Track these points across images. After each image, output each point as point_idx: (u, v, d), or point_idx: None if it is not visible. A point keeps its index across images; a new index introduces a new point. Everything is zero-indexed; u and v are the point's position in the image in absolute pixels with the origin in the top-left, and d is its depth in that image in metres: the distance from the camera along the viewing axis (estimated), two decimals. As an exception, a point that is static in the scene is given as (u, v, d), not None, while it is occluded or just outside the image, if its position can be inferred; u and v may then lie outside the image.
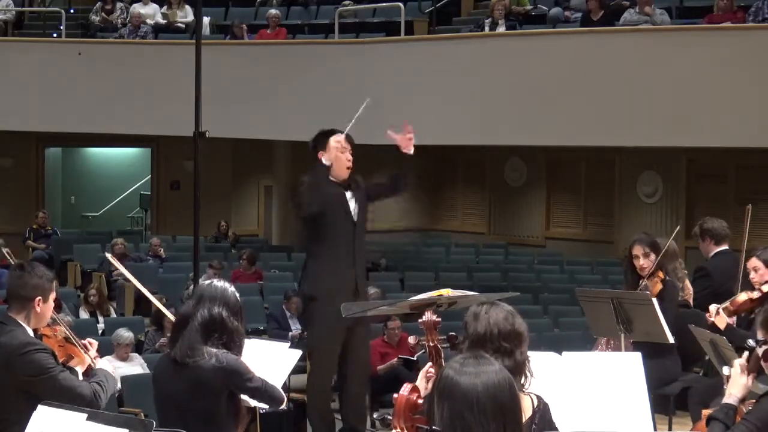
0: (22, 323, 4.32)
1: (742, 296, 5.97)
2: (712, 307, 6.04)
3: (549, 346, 6.63)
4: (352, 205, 6.47)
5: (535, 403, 3.51)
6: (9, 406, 4.20)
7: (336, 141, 6.40)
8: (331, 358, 6.40)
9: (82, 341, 4.67)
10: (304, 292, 6.51)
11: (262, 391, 4.21)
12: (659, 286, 6.37)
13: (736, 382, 3.83)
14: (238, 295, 4.24)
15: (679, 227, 6.45)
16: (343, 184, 6.46)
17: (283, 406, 4.46)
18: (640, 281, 6.39)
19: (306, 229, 6.56)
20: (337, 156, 6.38)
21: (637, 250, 6.46)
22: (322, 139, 6.48)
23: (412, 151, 6.47)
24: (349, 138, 6.48)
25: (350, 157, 6.45)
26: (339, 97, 13.46)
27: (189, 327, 4.13)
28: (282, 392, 4.36)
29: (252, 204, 19.33)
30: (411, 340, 9.41)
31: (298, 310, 11.29)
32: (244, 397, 4.34)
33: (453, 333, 3.70)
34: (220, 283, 4.23)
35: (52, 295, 4.42)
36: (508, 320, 3.56)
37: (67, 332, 4.60)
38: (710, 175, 15.17)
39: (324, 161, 6.37)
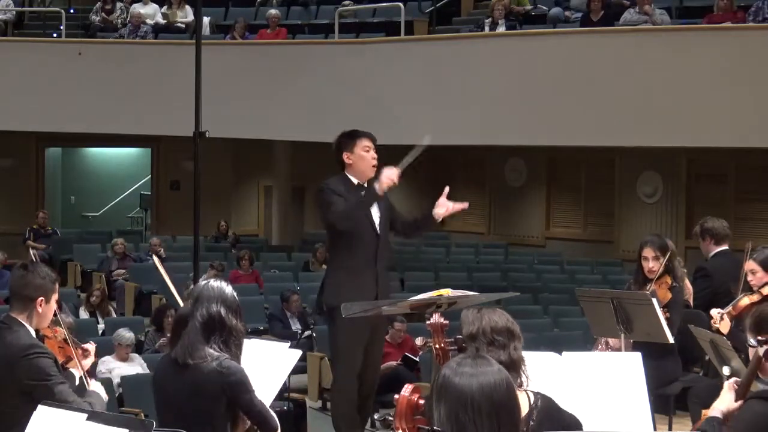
0: (24, 323, 4.31)
1: (744, 300, 5.96)
2: (715, 313, 6.02)
3: (549, 346, 6.63)
4: (376, 216, 6.30)
5: (532, 400, 3.56)
6: (9, 406, 4.20)
7: (372, 157, 6.25)
8: (356, 364, 6.32)
9: (82, 346, 4.66)
10: (325, 304, 6.33)
11: (258, 411, 4.16)
12: (668, 295, 6.29)
13: (724, 399, 3.84)
14: (235, 294, 4.23)
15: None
16: (367, 189, 6.29)
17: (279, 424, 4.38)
18: (648, 284, 6.34)
19: (330, 236, 6.44)
20: (362, 155, 6.24)
21: (648, 252, 6.38)
22: (347, 140, 6.30)
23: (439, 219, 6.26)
24: (372, 136, 6.33)
25: (375, 156, 6.26)
26: (339, 97, 13.49)
27: (189, 327, 4.11)
28: (277, 421, 4.27)
29: (252, 204, 19.34)
30: (418, 341, 9.41)
31: (298, 308, 11.32)
32: None
33: (461, 336, 3.74)
34: (216, 283, 4.22)
35: (55, 296, 4.40)
36: (501, 318, 3.67)
37: (67, 335, 4.60)
38: (710, 175, 15.16)
39: (347, 161, 6.27)
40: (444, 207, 6.17)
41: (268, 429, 4.25)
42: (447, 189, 6.22)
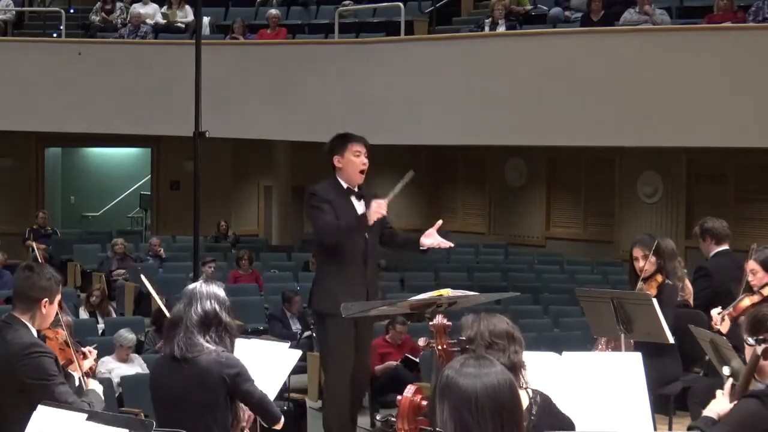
0: (27, 323, 4.32)
1: (745, 301, 5.95)
2: (715, 314, 6.01)
3: (549, 346, 6.62)
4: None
5: (531, 395, 3.61)
6: (9, 405, 4.20)
7: (362, 163, 6.22)
8: (348, 366, 6.32)
9: (82, 349, 4.66)
10: (316, 309, 6.36)
11: (259, 400, 4.19)
12: (654, 291, 6.34)
13: (720, 402, 3.86)
14: (225, 293, 4.28)
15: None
16: (356, 194, 6.27)
17: (279, 426, 4.38)
18: (638, 283, 6.37)
19: (319, 245, 6.45)
20: (351, 159, 6.21)
21: (637, 252, 6.45)
22: (339, 143, 6.27)
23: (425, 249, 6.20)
24: (364, 141, 6.30)
25: (365, 161, 6.25)
26: (339, 97, 13.49)
27: (183, 325, 4.17)
28: (279, 412, 4.30)
29: (252, 204, 19.34)
30: (421, 342, 9.40)
31: (298, 308, 11.30)
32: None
33: (464, 338, 3.75)
34: (206, 285, 4.30)
35: (58, 298, 4.42)
36: (501, 323, 3.70)
37: (68, 337, 4.61)
38: (710, 175, 15.16)
39: (336, 165, 6.26)
40: (432, 238, 6.10)
41: (271, 419, 4.27)
42: (440, 222, 6.19)
